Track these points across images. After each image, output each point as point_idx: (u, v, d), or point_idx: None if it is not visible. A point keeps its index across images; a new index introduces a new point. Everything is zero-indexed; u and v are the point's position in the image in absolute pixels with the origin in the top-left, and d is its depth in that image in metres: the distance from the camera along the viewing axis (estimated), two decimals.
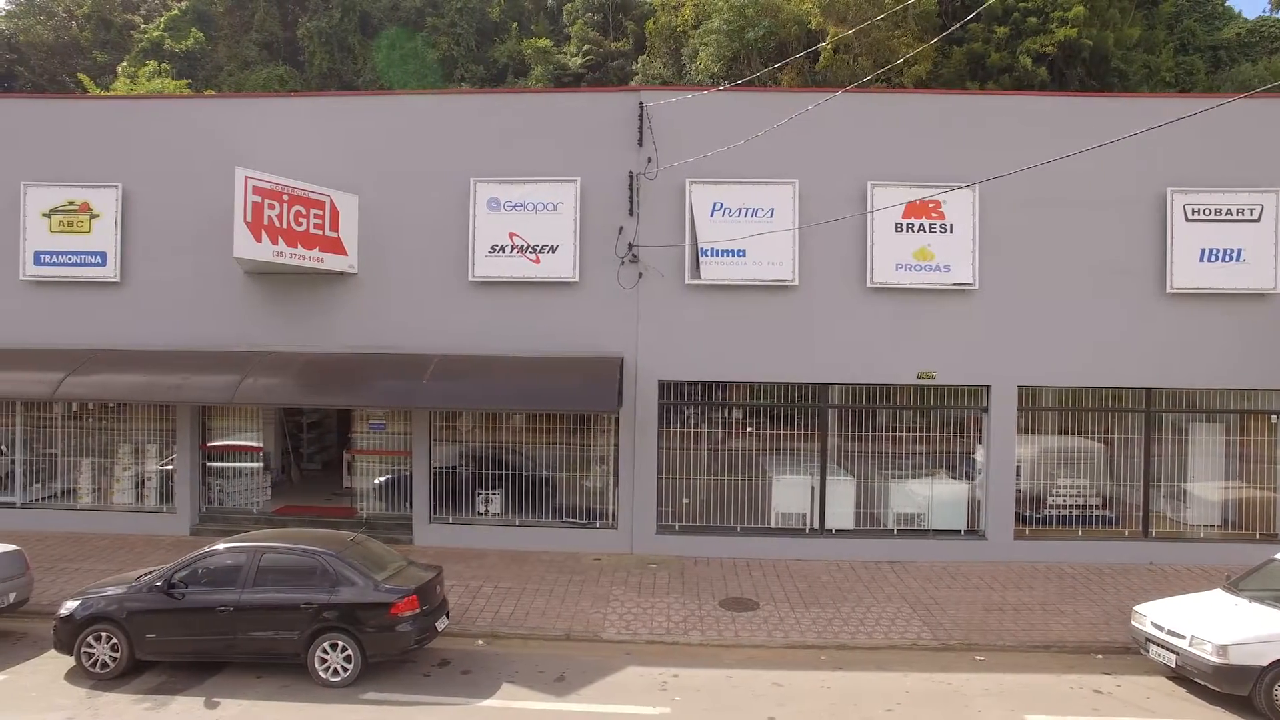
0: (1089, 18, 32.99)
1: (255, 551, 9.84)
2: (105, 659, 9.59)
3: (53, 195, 15.19)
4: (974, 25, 34.96)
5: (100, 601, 9.72)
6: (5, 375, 14.40)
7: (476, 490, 15.13)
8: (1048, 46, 32.37)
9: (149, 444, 15.79)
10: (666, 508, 14.69)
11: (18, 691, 9.33)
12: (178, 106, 15.81)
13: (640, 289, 14.40)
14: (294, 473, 18.79)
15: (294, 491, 17.61)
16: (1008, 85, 33.03)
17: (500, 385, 13.64)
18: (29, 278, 15.23)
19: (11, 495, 15.71)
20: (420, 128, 14.84)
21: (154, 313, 15.06)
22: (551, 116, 14.73)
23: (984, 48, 33.88)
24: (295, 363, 14.20)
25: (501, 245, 14.43)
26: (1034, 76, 32.60)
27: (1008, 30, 33.80)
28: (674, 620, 11.82)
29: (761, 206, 14.21)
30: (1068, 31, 32.08)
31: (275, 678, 9.69)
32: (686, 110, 14.24)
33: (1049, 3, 33.22)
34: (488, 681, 9.83)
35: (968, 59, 34.83)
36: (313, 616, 9.50)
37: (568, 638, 11.37)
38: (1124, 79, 34.34)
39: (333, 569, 9.69)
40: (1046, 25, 32.98)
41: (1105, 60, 34.27)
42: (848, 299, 14.26)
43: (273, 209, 13.28)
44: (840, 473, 14.69)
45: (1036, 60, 32.46)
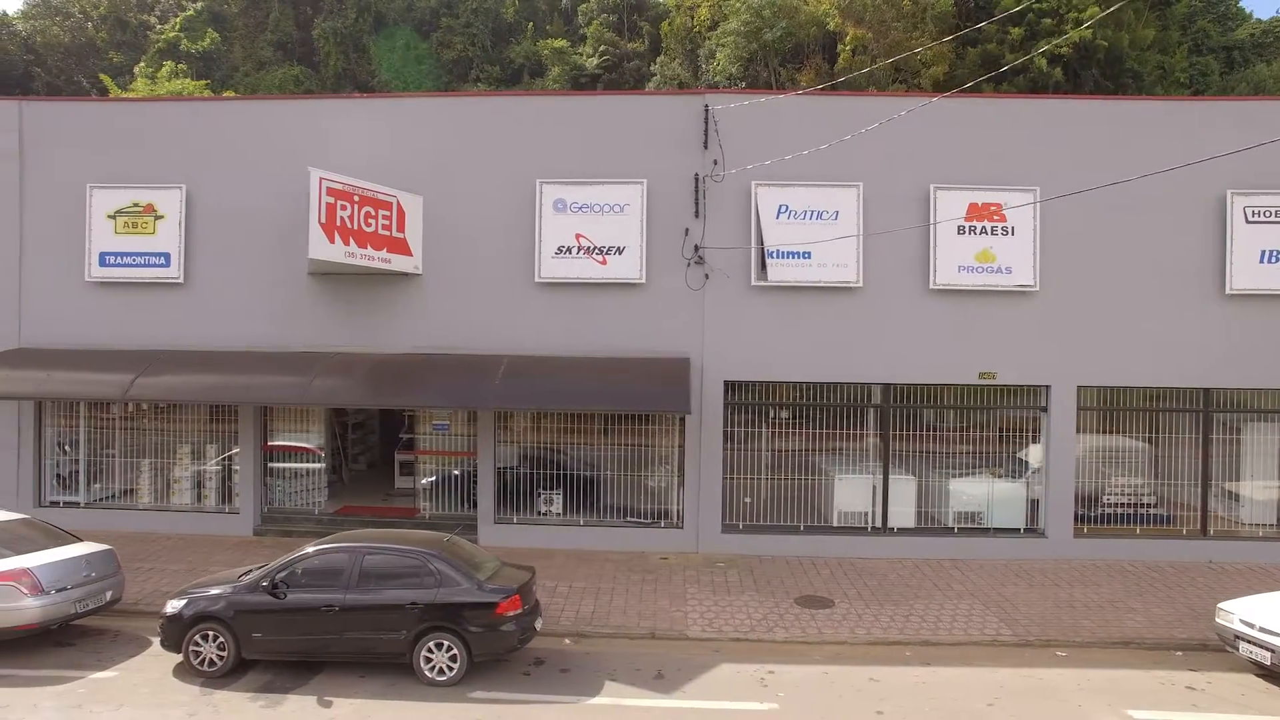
0: (1104, 19, 33.20)
1: (358, 552, 9.93)
2: (212, 657, 9.67)
3: (118, 197, 15.22)
4: (989, 26, 35.23)
5: (206, 601, 9.80)
6: (76, 376, 14.42)
7: (537, 490, 15.24)
8: (1063, 48, 32.61)
9: (208, 444, 15.84)
10: (729, 507, 14.82)
11: (130, 688, 9.41)
12: (242, 108, 15.86)
13: (706, 290, 14.54)
14: (344, 473, 18.84)
15: (347, 492, 17.68)
16: (1023, 86, 33.29)
17: (572, 386, 13.75)
18: (94, 279, 15.27)
19: (76, 495, 15.75)
20: (485, 129, 14.94)
21: (217, 313, 15.12)
22: (616, 119, 14.86)
23: (998, 49, 34.14)
24: (362, 363, 14.27)
25: (568, 246, 14.55)
26: (1049, 78, 32.86)
27: (1022, 31, 34.06)
28: (754, 618, 11.97)
29: (826, 209, 14.37)
30: (1083, 33, 32.32)
31: (379, 677, 9.78)
32: (751, 113, 14.38)
33: (1064, 4, 33.45)
34: (588, 679, 9.95)
35: (982, 60, 35.09)
36: (419, 616, 9.60)
37: (653, 636, 11.51)
38: (1138, 80, 34.62)
39: (436, 569, 9.79)
40: (1061, 27, 33.21)
41: (1120, 61, 34.52)
42: (910, 300, 14.43)
43: (344, 210, 13.36)
44: (899, 472, 14.86)
45: (1051, 61, 32.68)
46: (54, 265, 15.38)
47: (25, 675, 9.76)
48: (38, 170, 15.46)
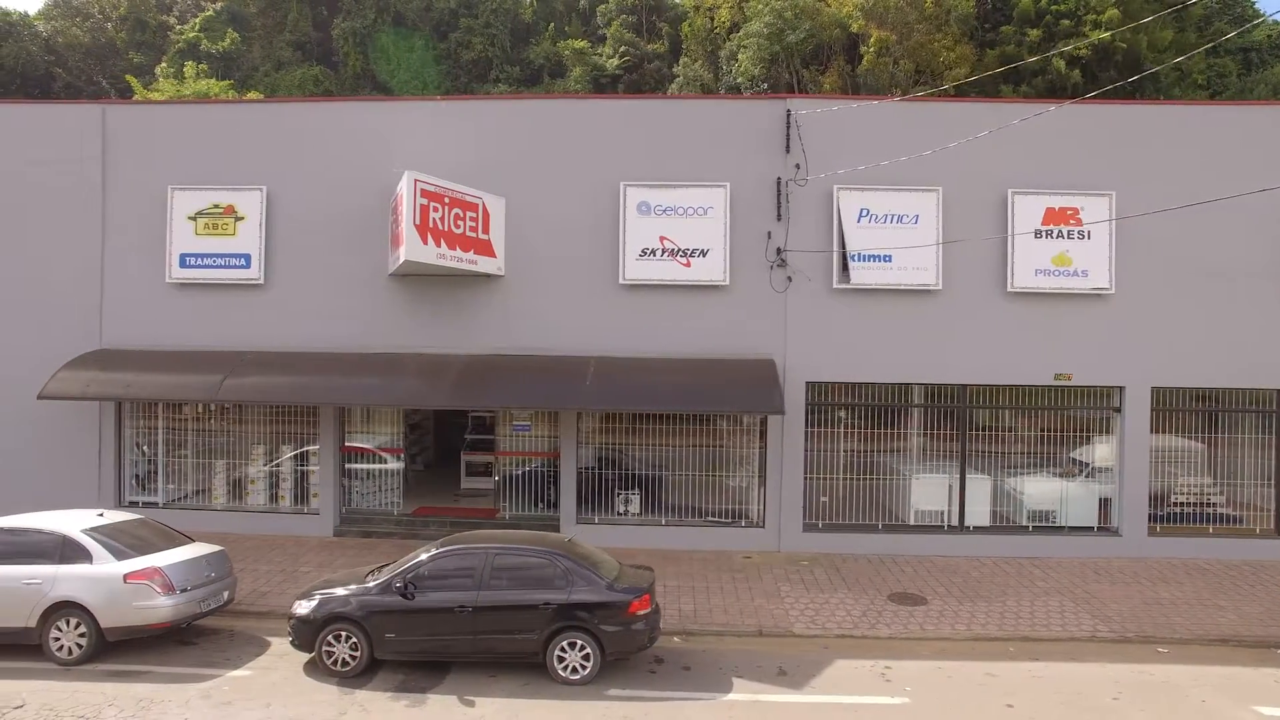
0: (1122, 20, 33.53)
1: (487, 553, 10.05)
2: (345, 657, 9.77)
3: (199, 198, 15.27)
4: (1006, 28, 35.56)
5: (338, 602, 9.90)
6: (164, 378, 14.49)
7: (615, 491, 15.40)
8: (1081, 50, 32.91)
9: (283, 445, 15.91)
10: (808, 506, 15.02)
11: (270, 687, 9.51)
12: (322, 109, 15.91)
13: (788, 292, 14.73)
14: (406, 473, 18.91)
15: (413, 492, 17.74)
16: (1040, 88, 33.60)
17: (665, 387, 13.92)
18: (175, 280, 15.31)
19: (154, 495, 15.78)
20: (566, 131, 15.07)
21: (297, 314, 15.19)
22: (698, 122, 15.02)
23: (1017, 50, 34.43)
24: (449, 364, 14.38)
25: (652, 249, 14.71)
26: (1067, 79, 33.14)
27: (1040, 33, 34.36)
28: (854, 615, 12.17)
29: (906, 213, 14.59)
30: (1101, 35, 32.60)
31: (511, 676, 9.91)
32: (832, 118, 14.58)
33: (1081, 5, 33.72)
34: (713, 676, 10.11)
35: (1000, 62, 35.37)
36: (552, 616, 9.73)
37: (760, 633, 11.69)
38: (1156, 82, 34.96)
39: (567, 569, 9.93)
40: (1079, 28, 33.49)
41: (1138, 63, 34.83)
42: (988, 302, 14.67)
43: (436, 212, 13.47)
44: (974, 471, 15.10)
45: (1070, 64, 32.97)
46: (135, 267, 15.42)
47: (162, 672, 9.85)
48: (119, 173, 15.49)
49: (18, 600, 9.96)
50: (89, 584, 9.95)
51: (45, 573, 10.01)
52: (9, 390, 15.47)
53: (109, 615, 9.92)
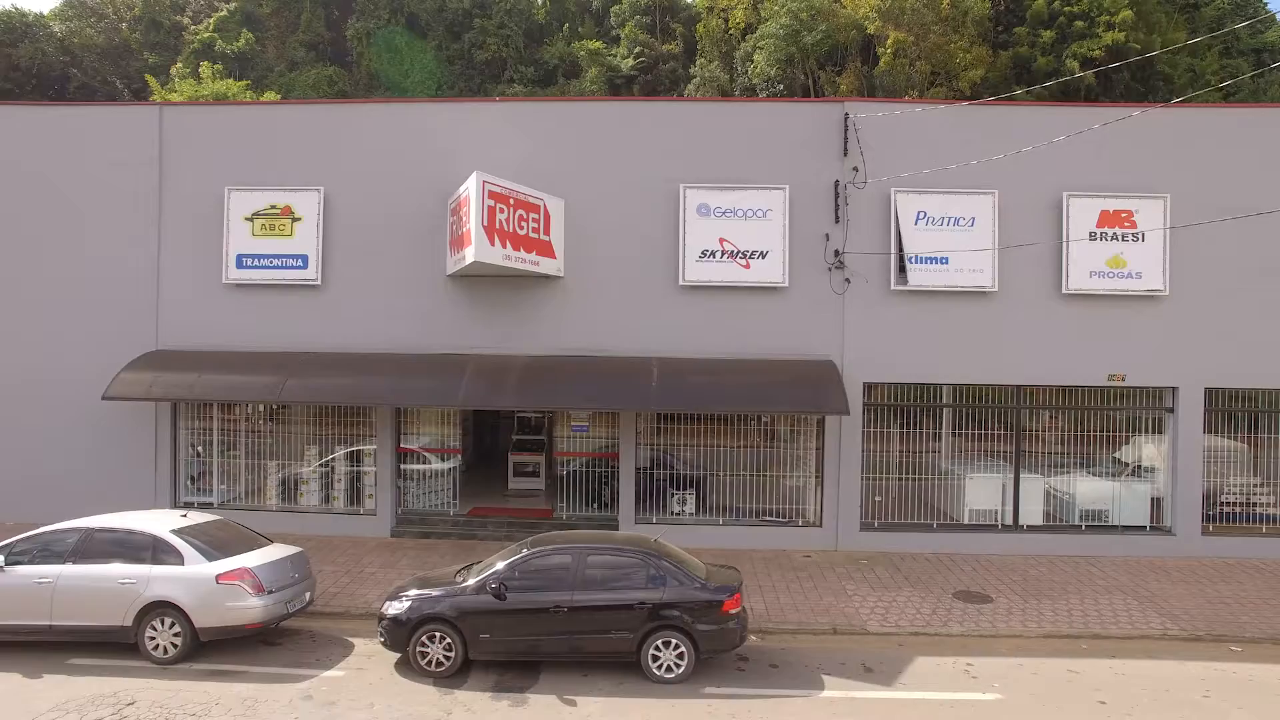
0: (1135, 22, 33.68)
1: (580, 552, 10.12)
2: (440, 658, 9.82)
3: (255, 199, 15.28)
4: (1019, 29, 35.73)
5: (431, 603, 9.93)
6: (226, 379, 14.47)
7: (670, 491, 15.48)
8: (1095, 51, 33.06)
9: (336, 445, 15.93)
10: (864, 505, 15.15)
11: (367, 687, 9.55)
12: (379, 111, 15.92)
13: (845, 294, 14.84)
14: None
15: (461, 493, 17.76)
16: (1054, 90, 33.68)
17: (729, 388, 14.01)
18: (231, 281, 15.31)
19: (209, 496, 15.77)
20: (625, 133, 15.17)
21: (354, 315, 15.22)
22: (755, 125, 15.13)
23: (1030, 52, 34.63)
24: (510, 365, 14.43)
25: (712, 250, 14.80)
26: (1080, 81, 33.27)
27: (1054, 34, 34.53)
28: (924, 613, 12.30)
29: (963, 215, 14.72)
30: (1115, 36, 32.73)
31: (603, 675, 9.98)
32: (889, 122, 14.70)
33: (1094, 7, 33.85)
34: (801, 673, 10.21)
35: (1013, 63, 35.59)
36: (647, 615, 9.81)
37: (835, 631, 11.80)
38: (1169, 83, 35.18)
39: (660, 568, 10.01)
40: (1093, 30, 33.63)
41: (1151, 64, 34.95)
42: (1042, 304, 14.82)
43: (502, 213, 13.52)
44: (1025, 470, 15.24)
45: (1083, 65, 33.11)
46: (191, 268, 15.42)
47: (257, 672, 9.89)
48: (176, 174, 15.49)
49: (113, 599, 9.99)
50: (183, 584, 9.98)
51: (139, 573, 10.04)
52: (65, 390, 15.46)
53: (203, 615, 9.95)
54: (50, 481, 15.49)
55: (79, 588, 10.05)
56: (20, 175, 15.74)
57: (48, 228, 15.70)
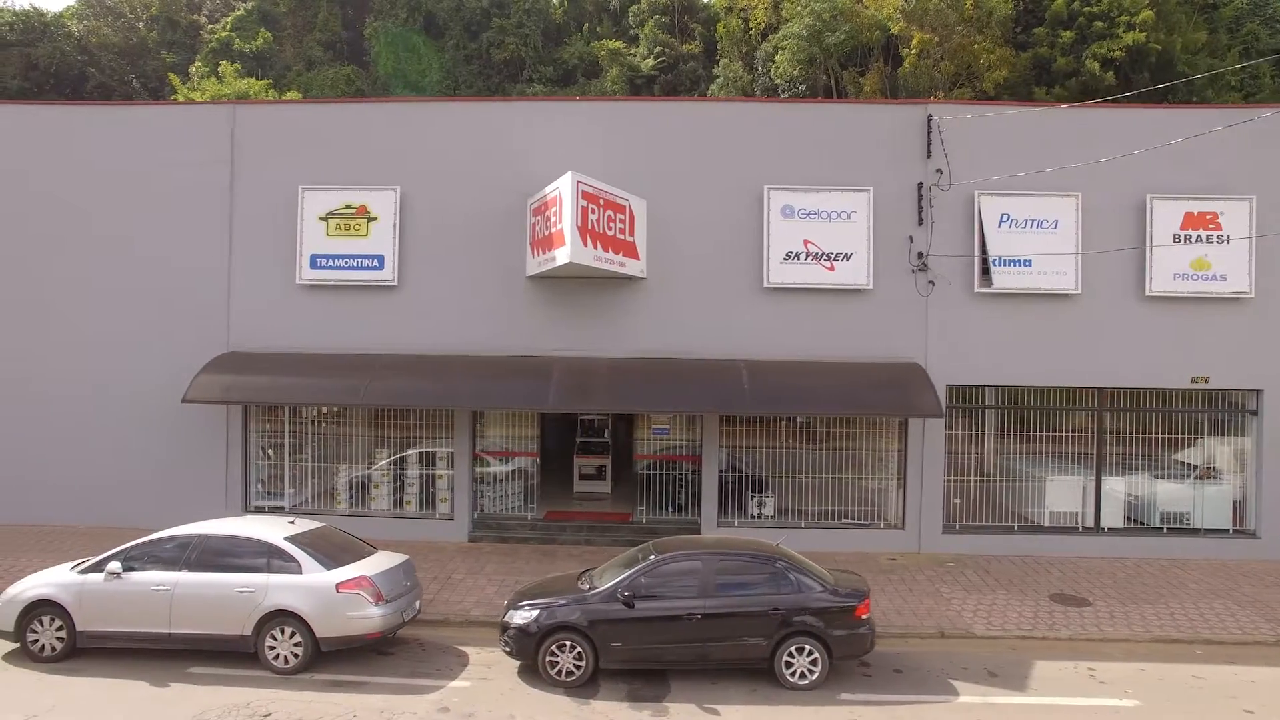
0: (1155, 22, 33.68)
1: (709, 559, 9.98)
2: (570, 667, 9.65)
3: (330, 198, 15.04)
4: (1039, 30, 35.75)
5: (560, 612, 9.76)
6: (305, 381, 14.24)
7: (749, 493, 15.36)
8: (1115, 51, 33.05)
9: (408, 448, 15.72)
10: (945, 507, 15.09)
11: (500, 698, 9.38)
12: (455, 109, 15.74)
13: (928, 296, 14.77)
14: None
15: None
16: (1074, 90, 33.74)
17: (820, 390, 13.93)
18: (305, 281, 15.07)
19: (280, 500, 15.52)
20: (705, 134, 15.05)
21: (431, 317, 15.01)
22: (837, 126, 15.06)
23: (1049, 52, 34.60)
24: (594, 367, 14.28)
25: (796, 252, 14.69)
26: (1100, 81, 33.26)
27: (1073, 35, 34.53)
28: (1025, 616, 12.24)
29: (1046, 218, 14.68)
30: (1136, 36, 32.73)
31: (734, 682, 9.85)
32: (972, 123, 14.63)
33: (1114, 7, 33.84)
34: (928, 679, 10.13)
35: (1033, 64, 35.57)
36: (780, 621, 9.69)
37: (942, 635, 11.73)
38: (1189, 84, 35.17)
39: (791, 574, 9.89)
40: (1113, 30, 33.61)
41: (1171, 65, 34.98)
42: (1125, 306, 14.79)
43: (592, 214, 13.34)
44: (1106, 472, 15.21)
45: (1103, 66, 33.09)
46: (263, 269, 15.17)
47: (380, 683, 9.69)
48: (248, 173, 15.23)
49: (233, 608, 9.77)
50: (302, 593, 9.76)
51: (257, 581, 9.82)
52: (133, 393, 15.20)
53: (324, 625, 9.74)
54: (119, 485, 15.22)
55: (197, 595, 9.82)
56: (91, 175, 15.44)
57: (118, 228, 15.40)
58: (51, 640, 9.98)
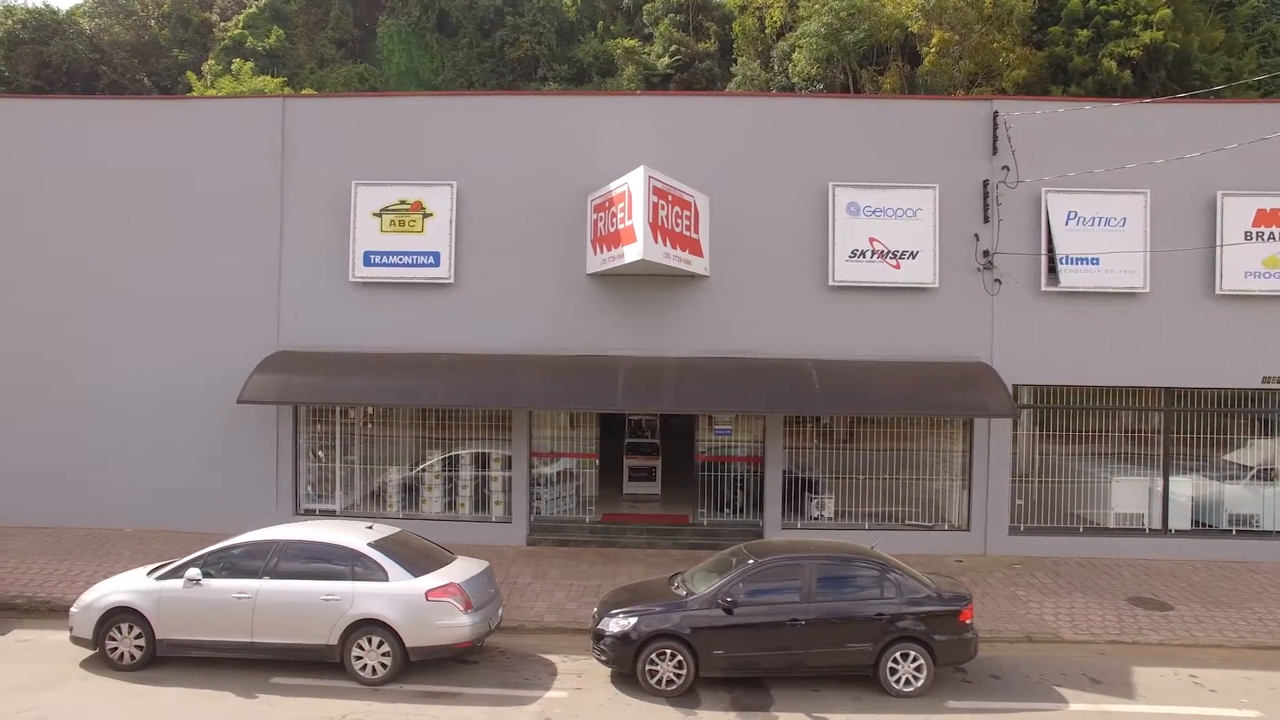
0: (1172, 21, 33.50)
1: (811, 562, 9.70)
2: (670, 675, 9.36)
3: (384, 194, 14.69)
4: (1054, 29, 35.56)
5: (659, 619, 9.46)
6: (363, 381, 13.89)
7: (809, 494, 15.08)
8: (1132, 50, 32.86)
9: (461, 450, 15.39)
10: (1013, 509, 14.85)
11: (599, 708, 9.09)
12: (512, 104, 15.41)
13: (995, 295, 14.53)
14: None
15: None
16: (1090, 88, 33.57)
17: (892, 390, 13.66)
18: (358, 279, 14.71)
19: (331, 503, 15.16)
20: (768, 130, 14.77)
21: (488, 315, 14.68)
22: (902, 122, 14.78)
23: (1066, 51, 34.41)
24: (664, 367, 13.97)
25: (861, 250, 14.43)
26: (1117, 80, 33.04)
27: (1090, 33, 34.33)
28: (1108, 620, 12.03)
29: (1114, 215, 14.46)
30: (1153, 35, 32.54)
31: (837, 690, 9.59)
32: (1038, 120, 14.39)
33: (1131, 5, 33.64)
34: (1030, 686, 9.89)
35: (1049, 63, 35.37)
36: (884, 627, 9.43)
37: (1029, 639, 11.50)
38: (1206, 82, 35.03)
39: (893, 579, 9.63)
40: (1130, 29, 33.41)
41: (1188, 63, 34.78)
42: (1195, 305, 14.57)
43: (662, 210, 13.04)
44: (1174, 473, 14.99)
45: (1120, 64, 32.88)
46: (314, 266, 14.81)
47: (473, 694, 9.37)
48: (299, 169, 14.87)
49: (318, 616, 9.44)
50: (391, 601, 9.43)
51: (343, 589, 9.48)
52: (181, 392, 14.83)
53: (413, 634, 9.41)
54: (165, 487, 14.86)
55: (280, 603, 9.48)
56: (137, 172, 15.05)
57: (164, 225, 15.03)
58: (130, 648, 9.64)
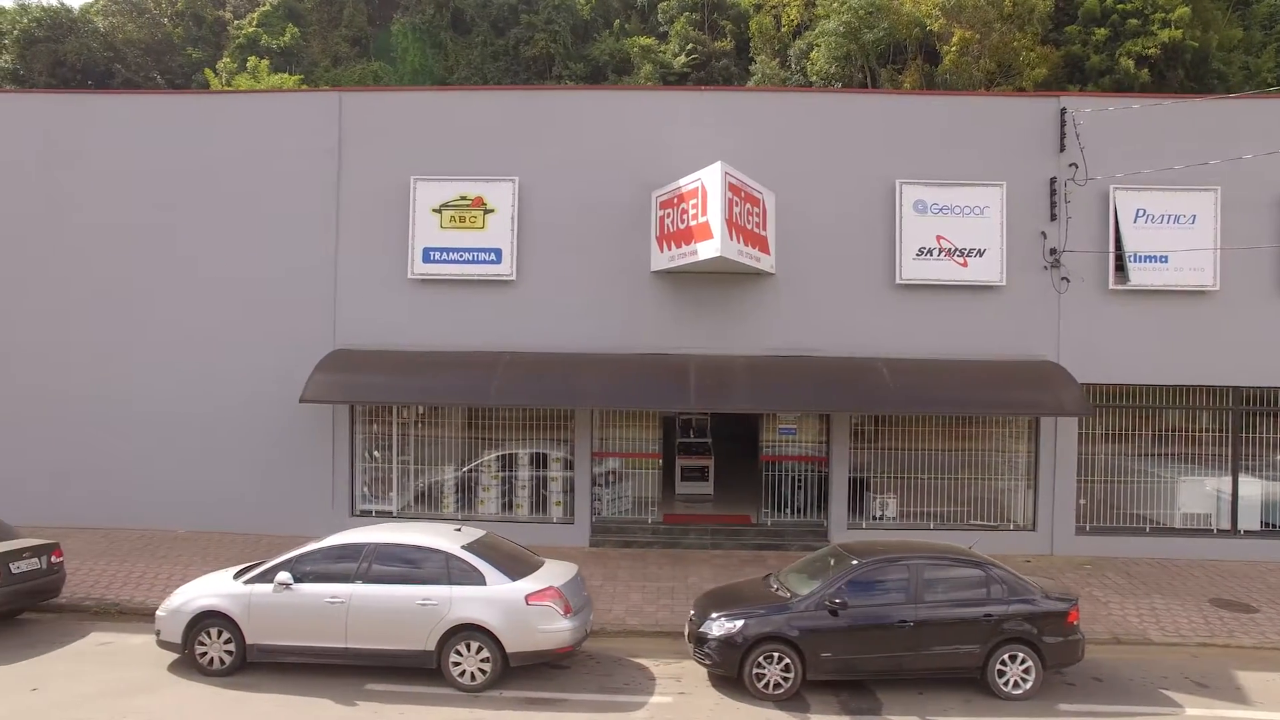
0: (1191, 19, 33.44)
1: (916, 563, 9.53)
2: (777, 679, 9.16)
3: (444, 189, 14.46)
4: (1071, 27, 35.47)
5: (765, 622, 9.27)
6: (425, 380, 13.68)
7: (871, 494, 14.93)
8: (1150, 49, 32.78)
9: (518, 450, 15.17)
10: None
11: (708, 713, 8.89)
12: (575, 98, 15.26)
13: (1063, 294, 14.40)
14: None
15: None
16: (1107, 87, 33.51)
17: (963, 389, 13.54)
18: (417, 276, 14.48)
19: (387, 504, 14.90)
20: (834, 126, 14.64)
21: (551, 313, 14.46)
22: (968, 119, 14.67)
23: (1083, 50, 34.31)
24: (733, 366, 13.81)
25: (929, 248, 14.29)
26: (1135, 79, 32.94)
27: (1107, 32, 34.24)
28: (1195, 621, 11.90)
29: (1183, 213, 14.35)
30: (1172, 33, 32.47)
31: (945, 693, 9.43)
32: (1104, 116, 14.28)
33: (1149, 4, 33.54)
34: (1137, 689, 9.73)
35: (1065, 61, 35.29)
36: (993, 628, 9.27)
37: (1117, 641, 11.36)
38: (1223, 80, 35.00)
39: (1000, 579, 9.47)
40: (1147, 27, 33.32)
41: (1206, 62, 34.69)
42: (1265, 303, 14.44)
43: (736, 206, 12.86)
44: (1243, 473, 14.89)
45: (1138, 63, 32.80)
46: (372, 263, 14.56)
47: (577, 700, 9.15)
48: (356, 164, 14.63)
49: (414, 621, 9.18)
50: (490, 605, 9.19)
51: (440, 594, 9.23)
52: (235, 391, 14.59)
53: (514, 639, 9.16)
54: (218, 488, 14.61)
55: (375, 608, 9.24)
56: (191, 168, 14.81)
57: (218, 221, 14.77)
58: (220, 653, 9.38)
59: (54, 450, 14.85)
